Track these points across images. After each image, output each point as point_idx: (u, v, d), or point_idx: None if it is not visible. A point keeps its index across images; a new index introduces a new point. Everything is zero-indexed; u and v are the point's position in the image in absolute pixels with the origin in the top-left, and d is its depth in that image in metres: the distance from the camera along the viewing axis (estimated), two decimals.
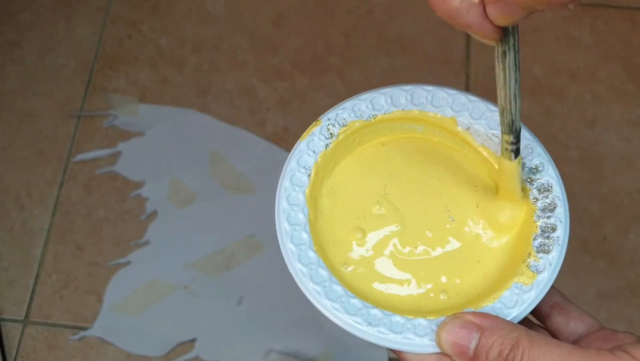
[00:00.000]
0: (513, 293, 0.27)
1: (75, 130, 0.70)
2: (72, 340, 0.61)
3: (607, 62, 0.73)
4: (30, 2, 0.76)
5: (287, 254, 0.28)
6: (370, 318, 0.26)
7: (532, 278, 0.27)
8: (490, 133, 0.30)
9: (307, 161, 0.30)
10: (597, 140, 0.69)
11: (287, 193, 0.29)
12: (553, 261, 0.27)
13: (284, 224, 0.29)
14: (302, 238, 0.28)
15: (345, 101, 0.31)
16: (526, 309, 0.27)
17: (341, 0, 0.76)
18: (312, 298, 0.27)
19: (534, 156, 0.29)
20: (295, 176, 0.30)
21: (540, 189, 0.29)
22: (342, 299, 0.27)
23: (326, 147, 0.30)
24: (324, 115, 0.31)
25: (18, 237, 0.65)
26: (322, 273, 0.28)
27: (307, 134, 0.30)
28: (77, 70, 0.73)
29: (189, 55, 0.73)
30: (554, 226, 0.28)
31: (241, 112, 0.70)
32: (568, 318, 0.28)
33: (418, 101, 0.31)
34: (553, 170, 0.29)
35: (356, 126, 0.31)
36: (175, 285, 0.63)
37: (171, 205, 0.66)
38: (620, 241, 0.65)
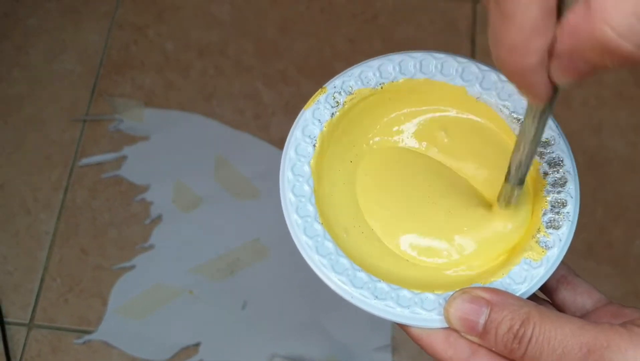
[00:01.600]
0: (522, 269, 0.26)
1: (80, 134, 0.70)
2: (77, 344, 0.61)
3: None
4: (38, 8, 0.76)
5: (293, 226, 0.27)
6: (377, 292, 0.26)
7: (542, 253, 0.26)
8: (500, 104, 0.29)
9: (312, 131, 0.29)
10: (603, 145, 0.69)
11: (292, 163, 0.28)
12: (563, 237, 0.27)
13: (289, 196, 0.28)
14: (307, 209, 0.27)
15: (352, 67, 0.30)
16: (535, 285, 0.26)
17: (347, 5, 0.76)
18: (319, 271, 0.27)
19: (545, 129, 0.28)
20: (300, 146, 0.29)
21: (550, 163, 0.28)
22: (349, 272, 0.26)
23: (332, 116, 0.29)
24: (329, 82, 0.30)
25: (24, 241, 0.65)
26: (328, 245, 0.27)
27: (312, 102, 0.29)
28: (83, 75, 0.73)
29: (195, 60, 0.74)
30: (564, 202, 0.27)
31: (246, 116, 0.70)
32: (575, 293, 0.28)
33: (427, 69, 0.30)
34: (564, 144, 0.29)
35: (363, 94, 0.30)
36: (180, 289, 0.63)
37: (176, 209, 0.66)
38: (626, 247, 0.64)
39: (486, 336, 0.24)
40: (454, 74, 0.30)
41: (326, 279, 0.26)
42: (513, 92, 0.29)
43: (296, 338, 0.61)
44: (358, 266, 0.26)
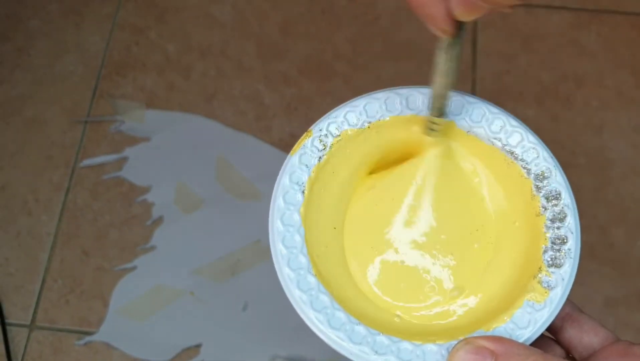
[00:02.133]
0: (525, 312, 0.25)
1: (82, 136, 0.70)
2: (78, 345, 0.61)
3: (614, 69, 0.73)
4: (39, 10, 0.76)
5: (285, 280, 0.26)
6: (376, 346, 0.25)
7: (545, 294, 0.25)
8: (492, 137, 0.28)
9: (300, 177, 0.28)
10: (605, 146, 0.69)
11: (280, 213, 0.27)
12: (565, 276, 0.26)
13: (279, 247, 0.27)
14: (299, 261, 0.26)
15: (337, 108, 0.29)
16: (539, 329, 0.25)
17: (348, 6, 0.76)
18: (315, 328, 0.26)
19: (539, 161, 0.28)
20: (289, 194, 0.28)
21: (548, 197, 0.27)
22: (346, 327, 0.25)
23: (319, 160, 0.28)
24: (315, 125, 0.29)
25: (25, 242, 0.65)
26: (323, 298, 0.26)
27: (298, 147, 0.29)
28: (84, 76, 0.73)
29: (196, 62, 0.74)
30: (564, 238, 0.26)
31: (247, 118, 0.70)
32: (581, 331, 0.27)
33: (414, 105, 0.29)
34: (561, 176, 0.28)
35: (349, 135, 0.29)
36: (181, 290, 0.63)
37: (177, 210, 0.66)
38: (628, 248, 0.64)
39: None
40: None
41: (324, 336, 0.26)
42: (504, 125, 0.29)
43: (297, 340, 0.61)
44: (355, 319, 0.26)
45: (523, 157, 0.28)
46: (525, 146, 0.28)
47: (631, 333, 0.61)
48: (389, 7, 0.76)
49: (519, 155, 0.28)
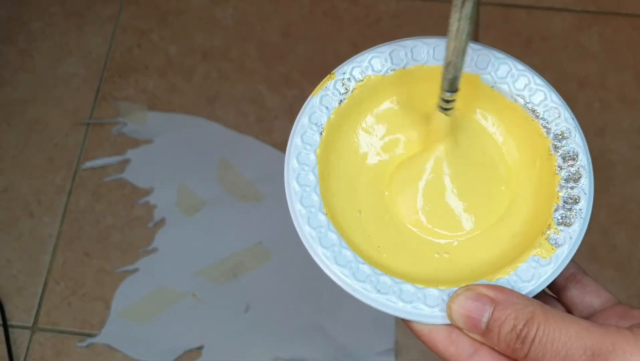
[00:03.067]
0: (530, 266, 0.25)
1: (84, 138, 0.70)
2: (80, 347, 0.61)
3: (616, 70, 0.73)
4: (42, 12, 0.77)
5: (296, 216, 0.26)
6: (379, 285, 0.25)
7: (551, 251, 0.25)
8: (515, 95, 0.28)
9: (319, 118, 0.28)
10: (607, 148, 0.69)
11: (297, 151, 0.27)
12: (574, 235, 0.26)
13: (293, 185, 0.27)
14: (312, 199, 0.26)
15: (363, 52, 0.29)
16: (542, 283, 0.25)
17: (349, 9, 0.76)
18: (321, 263, 0.26)
19: (560, 121, 0.28)
20: (307, 134, 0.28)
21: (565, 157, 0.27)
22: (352, 265, 0.26)
23: (340, 103, 0.28)
24: (338, 68, 0.29)
25: (27, 244, 0.65)
26: (332, 236, 0.26)
27: (319, 89, 0.29)
28: (87, 78, 0.73)
29: (198, 64, 0.74)
30: (577, 198, 0.26)
31: (249, 120, 0.71)
32: (584, 292, 0.27)
33: (440, 56, 0.28)
34: (580, 138, 0.27)
35: (372, 80, 0.29)
36: (183, 293, 0.63)
37: (179, 212, 0.66)
38: (631, 250, 0.64)
39: (489, 334, 0.23)
40: (469, 62, 0.28)
41: (328, 271, 0.26)
42: (529, 82, 0.28)
43: (299, 341, 0.61)
44: (361, 258, 0.26)
45: (544, 116, 0.28)
46: (548, 105, 0.28)
47: None
48: (390, 9, 0.76)
49: (541, 114, 0.28)
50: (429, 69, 0.29)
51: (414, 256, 0.27)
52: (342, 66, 0.29)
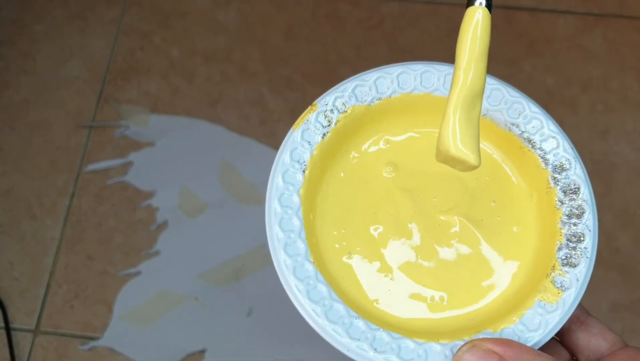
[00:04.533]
0: (536, 313, 0.23)
1: (86, 140, 0.70)
2: (82, 350, 0.61)
3: (619, 73, 0.72)
4: (45, 15, 0.77)
5: (281, 267, 0.24)
6: (375, 343, 0.23)
7: (558, 295, 0.24)
8: (509, 123, 0.26)
9: (302, 155, 0.26)
10: (610, 150, 0.68)
11: (279, 193, 0.26)
12: (580, 277, 0.24)
13: (276, 231, 0.25)
14: (297, 247, 0.24)
15: (345, 81, 0.27)
16: (550, 332, 0.23)
17: (352, 11, 0.76)
18: (311, 320, 0.24)
19: (559, 151, 0.26)
20: (289, 173, 0.26)
21: (565, 190, 0.25)
22: (344, 321, 0.23)
23: (323, 137, 0.26)
24: (320, 98, 0.27)
25: (29, 247, 0.65)
26: (321, 288, 0.24)
27: (301, 122, 0.26)
28: (89, 81, 0.73)
29: (200, 66, 0.74)
30: (581, 236, 0.25)
31: (252, 122, 0.70)
32: (589, 335, 0.26)
33: (428, 83, 0.27)
34: (581, 169, 0.26)
35: (357, 112, 0.27)
36: (185, 296, 0.63)
37: (182, 215, 0.66)
38: (634, 253, 0.64)
39: None
40: None
41: (319, 329, 0.24)
42: (523, 110, 0.27)
43: (301, 345, 0.61)
44: (354, 312, 0.24)
45: (542, 146, 0.26)
46: (545, 134, 0.26)
47: (638, 338, 0.60)
48: (392, 12, 0.76)
49: (537, 143, 0.26)
50: (415, 98, 0.27)
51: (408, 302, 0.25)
52: (324, 96, 0.27)
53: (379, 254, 0.26)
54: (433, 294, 0.25)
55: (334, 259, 0.26)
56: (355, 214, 0.27)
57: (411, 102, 0.27)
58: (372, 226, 0.26)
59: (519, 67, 0.72)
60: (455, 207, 0.27)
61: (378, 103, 0.27)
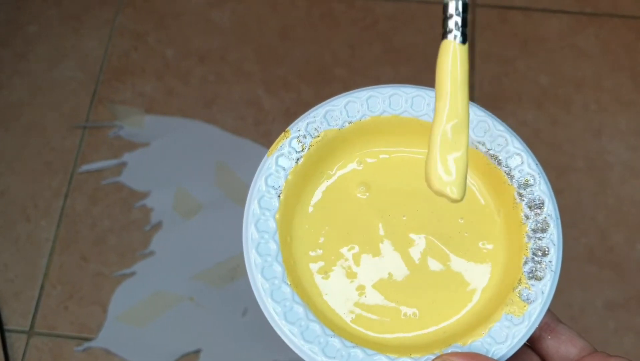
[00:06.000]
0: (503, 326, 0.24)
1: (81, 141, 0.70)
2: (77, 351, 0.61)
3: (612, 72, 0.73)
4: (38, 15, 0.77)
5: (259, 290, 0.25)
6: (350, 359, 0.24)
7: (524, 308, 0.25)
8: (476, 141, 0.28)
9: (277, 181, 0.27)
10: (604, 150, 0.69)
11: (255, 218, 0.26)
12: (545, 290, 0.25)
13: (253, 256, 0.26)
14: (274, 270, 0.25)
15: (317, 107, 0.28)
16: (517, 344, 0.24)
17: (346, 11, 0.76)
18: (288, 341, 0.25)
19: (524, 168, 0.27)
20: (264, 199, 0.27)
21: (531, 205, 0.26)
22: (320, 340, 0.25)
23: (297, 162, 0.27)
24: (293, 125, 0.28)
25: (24, 248, 0.65)
26: (298, 309, 0.25)
27: (274, 149, 0.27)
28: (83, 82, 0.73)
29: (195, 67, 0.74)
30: (545, 250, 0.26)
31: (247, 123, 0.70)
32: (559, 341, 0.27)
33: (397, 106, 0.28)
34: (545, 184, 0.27)
35: (329, 136, 0.28)
36: (181, 296, 0.63)
37: (176, 216, 0.66)
38: (628, 251, 0.64)
39: None
40: (426, 109, 0.28)
41: (296, 349, 0.25)
42: (489, 128, 0.28)
43: None
44: (330, 330, 0.25)
45: (507, 163, 0.27)
46: (510, 152, 0.27)
47: (632, 336, 0.61)
48: (387, 12, 0.76)
49: (503, 161, 0.27)
50: (385, 120, 0.28)
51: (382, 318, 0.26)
52: (296, 122, 0.28)
53: (353, 273, 0.27)
54: (406, 311, 0.26)
55: (311, 279, 0.27)
56: (330, 235, 0.28)
57: (381, 124, 0.28)
58: (346, 246, 0.27)
59: (512, 67, 0.73)
60: (424, 225, 0.28)
61: (349, 127, 0.28)
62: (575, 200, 0.66)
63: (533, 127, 0.69)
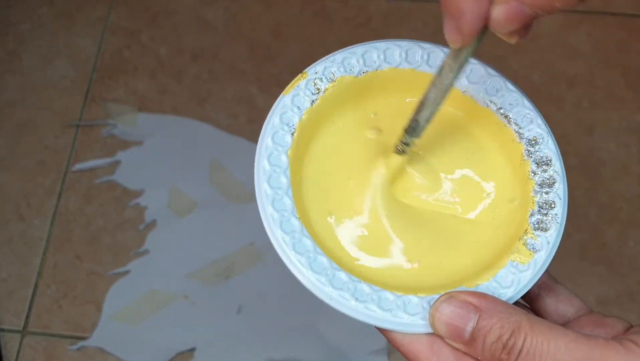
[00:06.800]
0: (509, 272, 0.25)
1: (74, 140, 0.70)
2: (71, 350, 0.60)
3: (604, 69, 0.73)
4: (31, 13, 0.76)
5: (268, 220, 0.25)
6: (357, 293, 0.24)
7: (529, 256, 0.25)
8: (487, 100, 0.28)
9: (291, 118, 0.27)
10: (596, 147, 0.69)
11: (268, 152, 0.27)
12: (551, 240, 0.26)
13: (264, 187, 0.26)
14: (284, 203, 0.26)
15: (336, 52, 0.29)
16: (522, 289, 0.25)
17: (340, 9, 0.76)
18: (295, 270, 0.25)
19: (533, 127, 0.28)
20: (278, 134, 0.27)
21: (538, 162, 0.27)
22: (328, 272, 0.25)
23: (312, 103, 0.28)
24: (311, 67, 0.28)
25: (17, 247, 0.65)
26: (306, 242, 0.25)
27: (291, 88, 0.28)
28: (76, 80, 0.73)
29: (188, 65, 0.74)
30: (552, 203, 0.26)
31: (240, 121, 0.70)
32: (557, 300, 0.27)
33: (413, 59, 0.28)
34: (553, 143, 0.28)
35: (345, 82, 0.28)
36: (175, 294, 0.63)
37: (171, 214, 0.66)
38: (620, 248, 0.65)
39: (473, 344, 0.23)
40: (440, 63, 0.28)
41: (303, 278, 0.25)
42: (501, 87, 0.29)
43: (292, 342, 0.61)
44: (337, 265, 0.25)
45: (517, 121, 0.28)
46: (520, 111, 0.28)
47: None
48: (380, 9, 0.76)
49: (513, 119, 0.28)
50: (401, 72, 0.29)
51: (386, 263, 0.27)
52: (314, 65, 0.28)
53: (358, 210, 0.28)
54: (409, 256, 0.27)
55: (318, 219, 0.27)
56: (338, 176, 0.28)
57: (397, 77, 0.29)
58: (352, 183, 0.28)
59: (505, 65, 0.73)
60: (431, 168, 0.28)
61: (365, 75, 0.29)
62: (567, 197, 0.66)
63: None
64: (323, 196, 0.28)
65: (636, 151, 0.69)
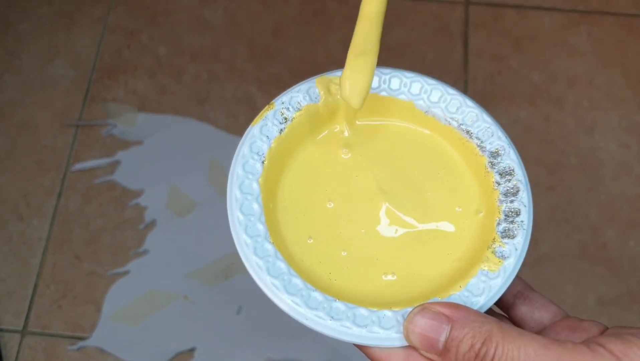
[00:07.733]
0: (480, 280, 0.26)
1: (73, 140, 0.70)
2: (71, 350, 0.60)
3: (604, 69, 0.73)
4: (30, 13, 0.76)
5: (242, 247, 0.26)
6: (332, 312, 0.25)
7: (499, 264, 0.26)
8: (449, 117, 0.30)
9: (261, 147, 0.28)
10: (596, 146, 0.69)
11: (239, 181, 0.28)
12: (519, 247, 0.27)
13: (237, 215, 0.27)
14: (257, 229, 0.27)
15: (300, 83, 0.30)
16: (494, 296, 0.26)
17: (340, 8, 0.76)
18: (270, 293, 0.26)
19: (494, 140, 0.29)
20: (248, 164, 0.28)
21: (501, 173, 0.28)
22: (302, 293, 0.26)
23: (280, 132, 0.29)
24: (277, 98, 0.30)
25: (17, 247, 0.65)
26: (280, 265, 0.26)
27: (259, 118, 0.29)
28: (76, 80, 0.73)
29: (188, 65, 0.74)
30: (517, 211, 0.27)
31: (240, 121, 0.70)
32: (533, 307, 0.28)
33: (374, 85, 0.30)
34: (514, 153, 0.29)
35: (312, 110, 0.30)
36: (175, 295, 0.63)
37: (170, 214, 0.66)
38: (620, 248, 0.65)
39: (447, 354, 0.23)
40: (402, 89, 0.30)
41: (279, 301, 0.26)
42: (460, 105, 0.30)
43: (292, 342, 0.61)
44: (312, 286, 0.26)
45: (478, 135, 0.30)
46: (481, 126, 0.30)
47: None
48: None
49: (474, 133, 0.30)
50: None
51: (363, 279, 0.28)
52: (281, 96, 0.30)
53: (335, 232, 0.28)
54: (385, 270, 0.28)
55: (298, 241, 0.28)
56: (313, 198, 0.29)
57: None
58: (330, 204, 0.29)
59: (505, 64, 0.73)
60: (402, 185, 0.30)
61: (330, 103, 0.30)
62: (567, 197, 0.66)
63: (526, 125, 0.70)
64: (301, 219, 0.28)
65: (636, 151, 0.69)
